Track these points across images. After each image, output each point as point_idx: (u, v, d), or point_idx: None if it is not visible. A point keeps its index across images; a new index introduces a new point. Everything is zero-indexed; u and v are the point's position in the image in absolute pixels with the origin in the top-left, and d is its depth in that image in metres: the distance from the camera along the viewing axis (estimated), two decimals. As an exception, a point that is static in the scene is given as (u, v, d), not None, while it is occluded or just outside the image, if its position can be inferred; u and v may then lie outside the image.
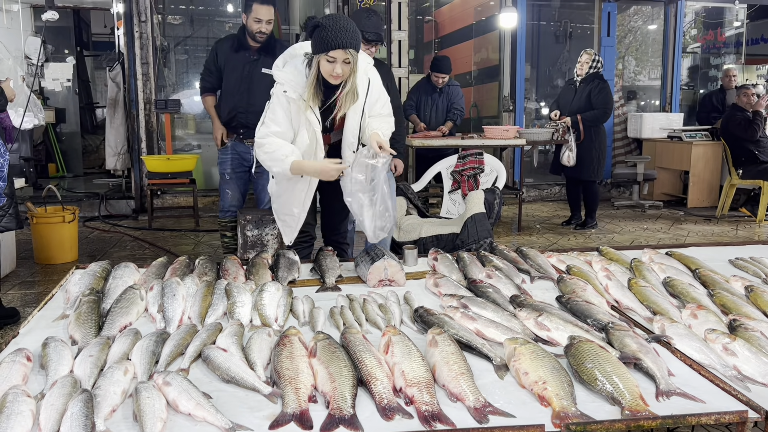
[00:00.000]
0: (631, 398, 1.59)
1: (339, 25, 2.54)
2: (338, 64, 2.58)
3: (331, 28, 2.53)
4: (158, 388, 1.60)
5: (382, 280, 2.58)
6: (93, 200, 7.47)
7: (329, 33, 2.53)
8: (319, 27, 2.55)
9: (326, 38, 2.54)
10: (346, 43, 2.55)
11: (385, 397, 1.60)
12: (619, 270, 2.63)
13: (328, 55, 2.57)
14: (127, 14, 7.33)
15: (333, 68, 2.59)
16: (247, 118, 4.35)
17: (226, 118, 4.46)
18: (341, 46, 2.55)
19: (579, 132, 6.26)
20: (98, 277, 2.51)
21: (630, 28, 9.29)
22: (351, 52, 2.59)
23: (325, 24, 2.54)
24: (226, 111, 4.45)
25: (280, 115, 2.80)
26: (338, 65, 2.58)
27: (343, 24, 2.55)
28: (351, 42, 2.56)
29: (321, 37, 2.55)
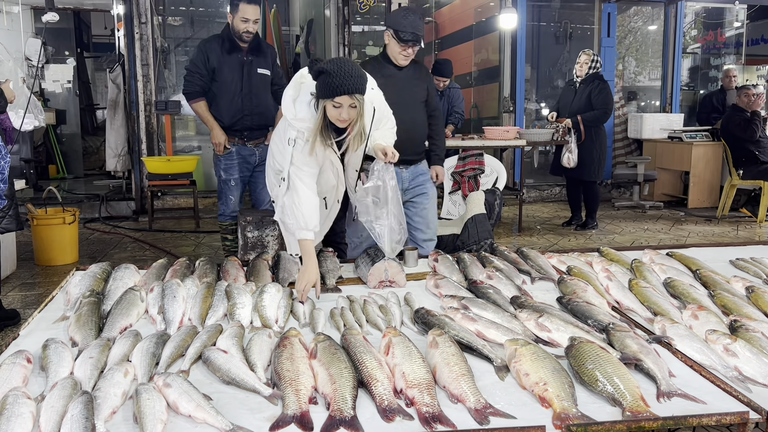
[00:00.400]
0: (632, 399, 1.59)
1: (344, 71, 2.50)
2: (344, 109, 2.56)
3: (336, 75, 2.49)
4: (158, 389, 1.60)
5: (382, 281, 2.58)
6: (93, 202, 7.48)
7: (335, 80, 2.49)
8: (324, 73, 2.51)
9: (332, 85, 2.50)
10: (351, 89, 2.52)
11: (386, 398, 1.60)
12: (619, 271, 2.63)
13: (334, 101, 2.55)
14: (127, 16, 7.33)
15: (339, 113, 2.57)
16: (252, 120, 4.34)
17: (230, 122, 4.35)
18: (347, 92, 2.52)
19: (580, 133, 6.26)
20: (98, 279, 2.50)
21: (630, 28, 9.29)
22: (357, 98, 2.56)
23: (330, 70, 2.49)
24: (228, 115, 4.34)
25: (306, 159, 2.76)
26: (344, 110, 2.56)
27: (347, 69, 2.51)
28: (357, 87, 2.54)
29: (326, 83, 2.51)
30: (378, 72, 3.51)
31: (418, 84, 3.65)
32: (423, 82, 3.68)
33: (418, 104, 3.67)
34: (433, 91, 3.77)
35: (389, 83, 3.53)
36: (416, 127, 3.65)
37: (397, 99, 3.50)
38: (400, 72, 3.61)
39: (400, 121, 3.49)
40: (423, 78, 3.70)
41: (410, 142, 3.60)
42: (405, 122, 3.53)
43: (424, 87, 3.68)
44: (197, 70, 4.33)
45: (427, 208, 3.71)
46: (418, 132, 3.68)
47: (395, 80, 3.59)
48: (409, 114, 3.59)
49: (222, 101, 4.35)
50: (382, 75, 3.52)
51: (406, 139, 3.54)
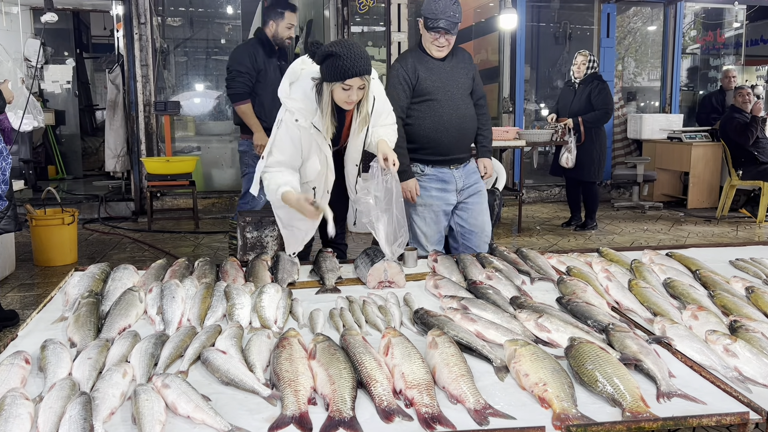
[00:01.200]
0: (632, 400, 1.58)
1: (354, 53, 2.51)
2: (353, 90, 2.57)
3: (346, 57, 2.49)
4: (157, 390, 1.60)
5: (381, 282, 2.57)
6: (92, 202, 7.48)
7: (345, 62, 2.49)
8: (333, 56, 2.51)
9: (342, 67, 2.50)
10: (362, 70, 2.53)
11: (385, 399, 1.60)
12: (619, 271, 2.62)
13: (344, 84, 2.55)
14: (126, 16, 7.33)
15: (348, 95, 2.58)
16: None
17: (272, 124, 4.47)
18: (358, 74, 2.53)
19: (580, 134, 6.26)
20: (97, 279, 2.50)
21: (629, 29, 9.30)
22: (366, 78, 2.58)
23: (340, 52, 2.49)
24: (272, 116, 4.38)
25: (287, 144, 2.77)
26: (354, 92, 2.58)
27: (357, 51, 2.53)
28: (367, 68, 2.56)
29: (336, 65, 2.51)
30: (420, 64, 3.29)
31: (464, 74, 3.40)
32: (468, 71, 3.43)
33: (465, 97, 3.41)
34: (479, 77, 3.53)
35: (431, 76, 3.34)
36: (466, 123, 3.42)
37: (442, 94, 3.33)
38: (443, 63, 3.34)
39: (447, 118, 3.34)
40: (467, 66, 3.43)
41: (461, 139, 3.42)
42: (453, 119, 3.35)
43: (470, 76, 3.43)
44: (247, 71, 4.40)
45: (482, 209, 3.52)
46: (467, 128, 3.45)
47: (438, 72, 3.35)
48: (457, 110, 3.37)
49: (266, 102, 4.41)
50: (424, 66, 3.30)
51: (456, 136, 3.38)
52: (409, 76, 3.30)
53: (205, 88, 8.13)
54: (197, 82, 8.11)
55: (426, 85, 3.31)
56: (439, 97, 3.33)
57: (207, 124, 8.15)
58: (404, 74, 3.31)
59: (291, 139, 2.76)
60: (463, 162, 3.46)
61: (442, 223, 3.51)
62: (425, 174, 3.42)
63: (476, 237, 3.47)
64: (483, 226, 3.49)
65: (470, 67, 3.45)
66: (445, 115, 3.34)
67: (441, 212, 3.47)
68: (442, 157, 3.40)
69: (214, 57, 8.20)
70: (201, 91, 8.11)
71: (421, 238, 3.48)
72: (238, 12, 8.15)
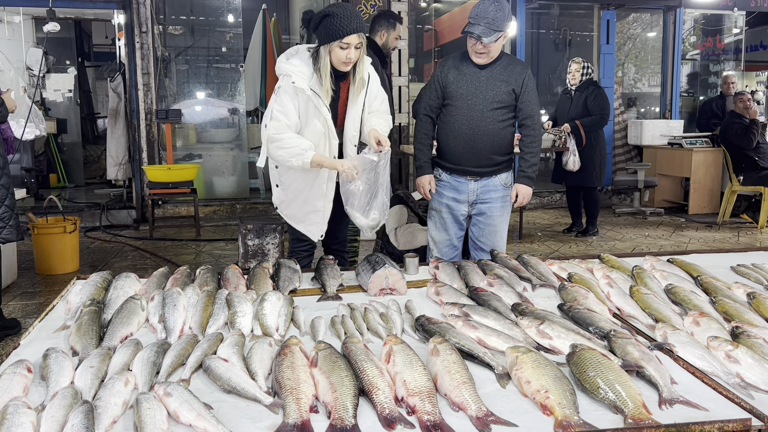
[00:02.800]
0: (634, 406, 1.58)
1: (349, 12, 2.68)
2: (352, 49, 2.67)
3: (343, 16, 2.64)
4: (159, 398, 1.60)
5: (383, 289, 2.57)
6: (94, 210, 7.49)
7: (342, 20, 2.63)
8: (329, 16, 2.64)
9: (340, 26, 2.63)
10: (359, 27, 2.67)
11: (387, 406, 1.60)
12: (620, 277, 2.62)
13: (342, 42, 2.64)
14: (128, 25, 7.37)
15: (346, 54, 2.70)
16: None
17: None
18: (355, 31, 2.66)
19: (580, 137, 6.27)
20: (99, 288, 2.50)
21: (629, 35, 9.32)
22: (362, 36, 2.71)
23: (336, 12, 2.65)
24: None
25: (289, 108, 2.84)
26: (351, 50, 2.68)
27: (351, 10, 2.67)
28: (363, 26, 2.70)
29: (334, 25, 2.63)
30: (457, 67, 3.24)
31: (500, 86, 3.24)
32: (508, 84, 3.26)
33: (488, 110, 3.26)
34: (530, 95, 3.31)
35: (460, 82, 3.25)
36: (478, 136, 3.30)
37: (463, 102, 3.26)
38: (480, 70, 3.23)
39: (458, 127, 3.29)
40: (509, 79, 3.26)
41: (472, 152, 3.32)
42: (463, 129, 3.29)
43: (507, 90, 3.26)
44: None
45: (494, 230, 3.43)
46: (480, 141, 3.32)
47: (469, 78, 3.25)
48: (471, 121, 3.27)
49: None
50: (458, 71, 3.24)
51: (466, 148, 3.32)
52: (442, 76, 3.31)
53: (207, 96, 8.15)
54: (198, 90, 8.13)
55: (452, 89, 3.26)
56: (459, 105, 3.27)
57: (208, 132, 8.17)
58: (439, 73, 3.34)
59: (291, 102, 2.83)
60: (482, 176, 3.38)
61: (453, 230, 3.49)
62: (441, 179, 3.45)
63: (484, 255, 3.40)
64: (492, 246, 3.37)
65: (513, 81, 3.26)
66: (457, 124, 3.29)
67: (451, 220, 3.46)
68: (455, 165, 3.39)
69: (215, 65, 8.23)
70: (202, 99, 8.14)
71: (430, 242, 3.53)
72: (239, 20, 8.18)
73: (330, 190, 3.13)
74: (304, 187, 3.11)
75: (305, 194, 3.10)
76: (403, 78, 7.89)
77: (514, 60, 3.36)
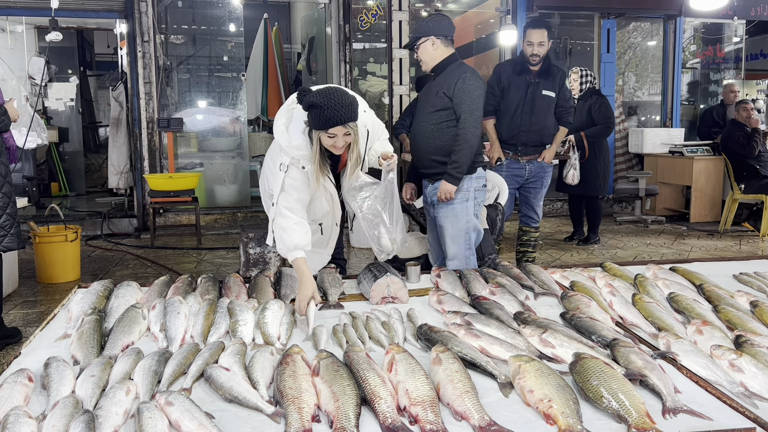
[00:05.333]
0: (638, 416, 1.57)
1: (334, 103, 2.51)
2: (339, 138, 2.60)
3: (327, 107, 2.51)
4: (160, 408, 1.59)
5: (385, 297, 2.57)
6: (95, 219, 7.49)
7: (326, 112, 2.51)
8: (315, 107, 2.53)
9: (324, 117, 2.52)
10: (344, 119, 2.55)
11: (389, 416, 1.59)
12: (622, 286, 2.62)
13: (328, 133, 2.58)
14: (130, 34, 7.40)
15: (334, 142, 2.62)
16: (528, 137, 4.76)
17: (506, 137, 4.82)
18: (340, 123, 2.55)
19: (584, 150, 6.26)
20: (100, 296, 2.50)
21: (630, 44, 9.35)
22: (350, 126, 2.59)
23: (321, 103, 2.50)
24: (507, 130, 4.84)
25: (300, 186, 2.77)
26: (339, 139, 2.60)
27: (337, 100, 2.53)
28: (349, 116, 2.56)
29: (318, 116, 2.54)
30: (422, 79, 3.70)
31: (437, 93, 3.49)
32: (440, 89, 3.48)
33: (429, 114, 3.53)
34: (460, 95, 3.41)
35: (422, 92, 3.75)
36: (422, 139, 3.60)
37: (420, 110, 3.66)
38: (433, 81, 3.56)
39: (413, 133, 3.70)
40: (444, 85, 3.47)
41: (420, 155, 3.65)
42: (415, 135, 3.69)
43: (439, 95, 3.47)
44: (490, 90, 4.79)
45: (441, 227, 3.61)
46: (422, 145, 3.61)
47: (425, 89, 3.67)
48: (418, 126, 3.64)
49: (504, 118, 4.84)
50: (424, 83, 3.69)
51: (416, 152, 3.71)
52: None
53: (208, 105, 8.17)
54: (200, 99, 8.15)
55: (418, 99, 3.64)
56: (417, 112, 3.67)
57: (210, 141, 8.18)
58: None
59: (302, 182, 2.76)
60: (434, 179, 3.60)
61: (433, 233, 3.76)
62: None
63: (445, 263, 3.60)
64: (446, 251, 3.60)
65: (447, 85, 3.44)
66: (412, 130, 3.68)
67: (431, 223, 3.74)
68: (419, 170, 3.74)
69: (216, 74, 8.25)
70: (204, 108, 8.16)
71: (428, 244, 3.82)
72: (240, 30, 8.21)
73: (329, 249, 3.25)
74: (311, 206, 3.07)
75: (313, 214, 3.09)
76: (404, 87, 7.91)
77: (460, 66, 3.50)
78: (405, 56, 7.90)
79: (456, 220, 3.55)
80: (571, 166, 6.27)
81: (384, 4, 7.88)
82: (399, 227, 2.99)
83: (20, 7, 7.12)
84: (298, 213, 2.76)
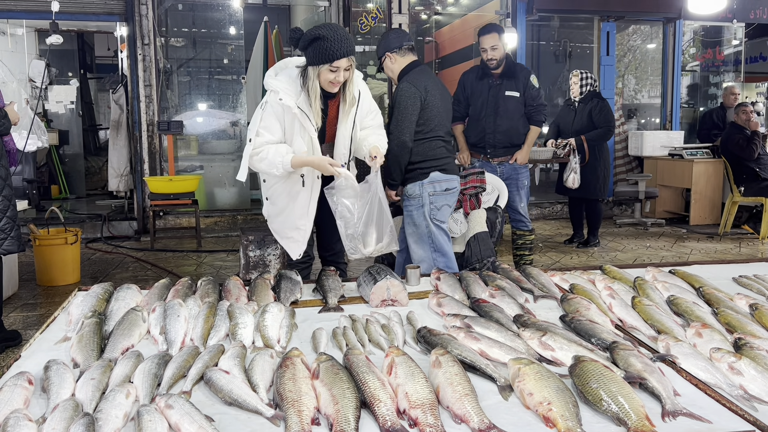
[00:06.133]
0: (637, 418, 1.57)
1: (339, 35, 2.59)
2: (341, 72, 2.63)
3: (333, 39, 2.57)
4: (160, 411, 1.59)
5: (384, 300, 2.57)
6: (95, 222, 7.49)
7: (332, 44, 2.56)
8: (319, 39, 2.57)
9: (330, 49, 2.56)
10: (349, 50, 2.62)
11: (389, 419, 1.59)
12: (622, 289, 2.62)
13: (332, 65, 2.60)
14: (130, 37, 7.41)
15: (335, 76, 2.65)
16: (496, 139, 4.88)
17: (475, 140, 4.99)
18: (345, 55, 2.60)
19: (584, 154, 6.26)
20: (100, 299, 2.50)
21: (629, 47, 9.37)
22: (352, 59, 2.67)
23: (326, 35, 2.57)
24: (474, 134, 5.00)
25: (273, 124, 2.82)
26: (341, 73, 2.63)
27: (342, 33, 2.61)
28: (352, 49, 2.66)
29: (324, 48, 2.57)
30: None
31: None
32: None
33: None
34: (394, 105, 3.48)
35: None
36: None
37: None
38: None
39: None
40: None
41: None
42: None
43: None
44: (456, 98, 4.93)
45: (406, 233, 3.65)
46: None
47: None
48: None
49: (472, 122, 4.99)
50: None
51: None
52: None
53: (208, 108, 8.18)
54: (200, 101, 8.16)
55: None
56: None
57: (210, 144, 8.19)
58: None
59: (276, 119, 2.79)
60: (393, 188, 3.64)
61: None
62: None
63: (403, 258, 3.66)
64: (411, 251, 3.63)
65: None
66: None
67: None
68: None
69: (216, 77, 8.27)
70: (204, 111, 8.17)
71: None
72: (240, 32, 8.22)
73: (312, 209, 3.13)
74: (288, 202, 3.10)
75: (288, 210, 3.10)
76: (404, 89, 7.91)
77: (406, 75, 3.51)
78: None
79: (416, 227, 3.61)
80: (572, 170, 6.27)
81: (384, 7, 7.89)
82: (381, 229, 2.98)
83: (21, 10, 7.13)
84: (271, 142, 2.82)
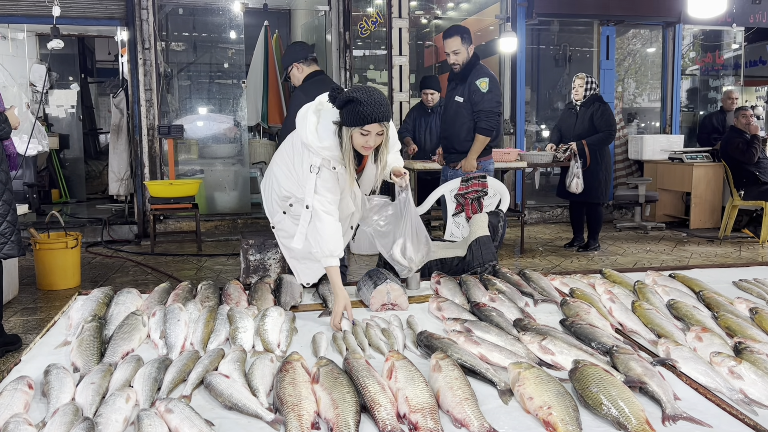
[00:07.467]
0: (637, 423, 1.57)
1: (374, 99, 2.51)
2: (372, 136, 2.58)
3: (366, 103, 2.50)
4: (160, 415, 1.59)
5: (384, 304, 2.57)
6: (96, 226, 7.49)
7: (365, 108, 2.49)
8: (353, 102, 2.52)
9: (362, 113, 2.50)
10: (381, 116, 2.54)
11: (389, 423, 1.59)
12: (622, 292, 2.62)
13: (363, 129, 2.56)
14: (131, 41, 7.42)
15: (366, 141, 2.59)
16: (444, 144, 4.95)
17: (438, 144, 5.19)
18: (377, 121, 2.54)
19: (585, 158, 6.26)
20: (101, 303, 2.50)
21: (629, 51, 9.38)
22: (385, 125, 2.59)
23: (360, 98, 2.49)
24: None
25: (331, 184, 2.74)
26: (372, 138, 2.58)
27: (377, 98, 2.54)
28: (386, 115, 2.58)
29: (357, 111, 2.52)
30: None
31: None
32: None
33: None
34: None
35: None
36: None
37: None
38: None
39: None
40: None
41: None
42: None
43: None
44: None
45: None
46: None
47: None
48: None
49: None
50: None
51: None
52: None
53: (209, 112, 8.19)
54: (200, 105, 8.17)
55: None
56: None
57: (210, 148, 8.20)
58: None
59: (333, 183, 2.74)
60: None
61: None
62: None
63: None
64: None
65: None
66: None
67: None
68: None
69: (217, 81, 8.28)
70: (204, 115, 8.17)
71: None
72: (241, 37, 8.24)
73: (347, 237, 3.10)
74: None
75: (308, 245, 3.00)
76: (404, 93, 7.93)
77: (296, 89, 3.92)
78: (405, 63, 7.93)
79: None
80: (574, 175, 6.27)
81: (384, 12, 7.91)
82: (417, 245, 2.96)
83: (22, 14, 7.15)
84: (334, 215, 2.74)
